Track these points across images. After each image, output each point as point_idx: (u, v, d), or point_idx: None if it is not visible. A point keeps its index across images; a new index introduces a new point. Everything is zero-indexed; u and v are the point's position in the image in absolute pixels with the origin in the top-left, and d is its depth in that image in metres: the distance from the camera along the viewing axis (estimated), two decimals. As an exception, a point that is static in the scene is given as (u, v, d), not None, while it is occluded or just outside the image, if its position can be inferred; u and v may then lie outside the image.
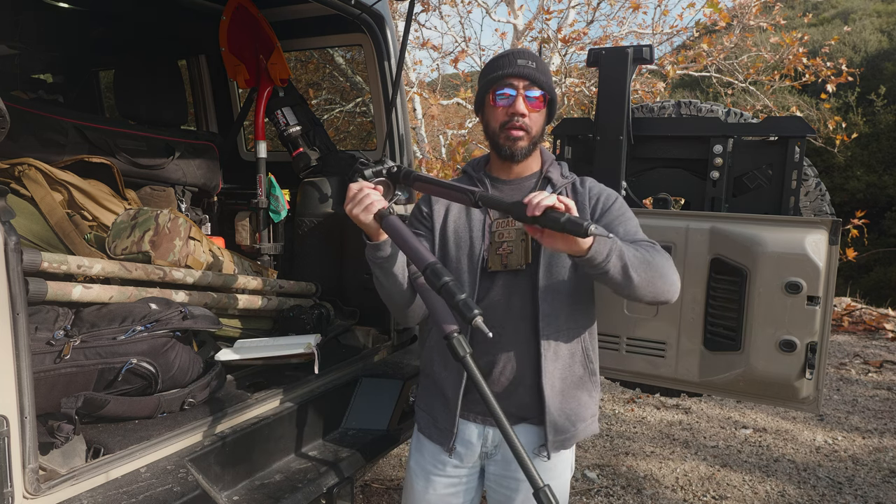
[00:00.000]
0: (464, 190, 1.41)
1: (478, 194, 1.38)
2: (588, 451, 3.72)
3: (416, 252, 1.35)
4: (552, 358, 1.56)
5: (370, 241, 1.52)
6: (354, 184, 1.49)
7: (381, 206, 1.45)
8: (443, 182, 1.49)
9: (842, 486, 3.33)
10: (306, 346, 2.13)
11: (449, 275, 1.28)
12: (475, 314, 1.21)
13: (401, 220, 1.44)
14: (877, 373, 5.18)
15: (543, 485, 1.20)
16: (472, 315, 1.21)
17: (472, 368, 1.27)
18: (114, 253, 2.13)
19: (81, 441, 1.57)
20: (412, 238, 1.39)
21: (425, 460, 1.70)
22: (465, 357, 1.27)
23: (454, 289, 1.26)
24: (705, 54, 8.26)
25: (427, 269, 1.30)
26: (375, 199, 1.45)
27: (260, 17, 2.82)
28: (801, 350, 1.89)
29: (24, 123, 2.41)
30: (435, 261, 1.32)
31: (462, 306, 1.23)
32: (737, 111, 2.22)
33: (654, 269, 1.41)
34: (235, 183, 3.26)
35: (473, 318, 1.21)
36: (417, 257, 1.34)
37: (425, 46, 8.89)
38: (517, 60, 1.55)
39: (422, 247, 1.37)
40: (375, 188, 1.49)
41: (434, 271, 1.29)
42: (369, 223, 1.46)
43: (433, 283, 1.29)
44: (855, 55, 16.03)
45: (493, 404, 1.25)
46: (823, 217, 2.03)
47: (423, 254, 1.34)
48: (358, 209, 1.45)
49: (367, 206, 1.44)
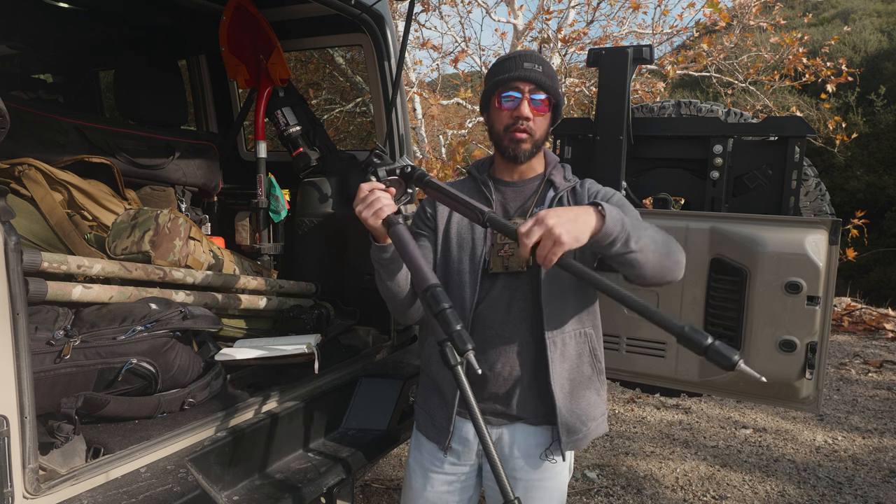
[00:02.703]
0: (473, 207, 1.39)
1: (487, 215, 1.36)
2: (588, 451, 3.72)
3: (420, 271, 1.33)
4: (559, 359, 1.56)
5: (376, 242, 1.51)
6: (365, 184, 1.46)
7: (391, 212, 1.43)
8: (454, 194, 1.45)
9: (842, 486, 3.33)
10: (306, 346, 2.13)
11: (448, 301, 1.26)
12: (468, 349, 1.20)
13: (408, 231, 1.41)
14: (877, 373, 5.18)
15: (514, 497, 1.20)
16: (465, 349, 1.20)
17: (461, 379, 1.25)
18: (114, 253, 2.13)
19: (81, 441, 1.57)
20: (417, 254, 1.36)
21: (424, 458, 1.70)
22: (455, 367, 1.25)
23: (451, 318, 1.24)
24: (705, 54, 8.26)
25: (427, 292, 1.28)
26: (385, 203, 1.43)
27: (260, 17, 2.82)
28: (801, 350, 1.89)
29: (24, 123, 2.41)
30: (436, 283, 1.29)
31: (457, 338, 1.21)
32: (737, 111, 2.22)
33: (661, 251, 1.42)
34: (235, 183, 3.26)
35: (466, 353, 1.20)
36: (420, 276, 1.32)
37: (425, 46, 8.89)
38: (524, 63, 1.55)
39: (425, 265, 1.34)
40: (387, 190, 1.47)
41: (434, 295, 1.27)
42: (377, 227, 1.44)
43: (431, 307, 1.26)
44: (855, 55, 16.02)
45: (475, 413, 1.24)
46: (823, 217, 2.03)
47: (425, 273, 1.32)
48: (367, 212, 1.43)
49: (377, 211, 1.42)
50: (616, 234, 1.32)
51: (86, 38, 3.40)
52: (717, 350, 1.11)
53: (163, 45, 3.30)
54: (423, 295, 1.29)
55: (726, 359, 1.10)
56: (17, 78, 3.31)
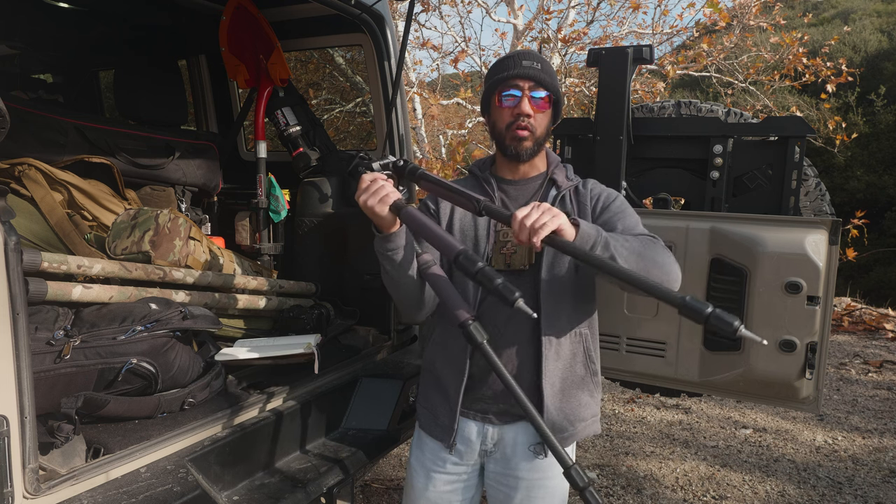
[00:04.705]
0: (468, 196, 1.39)
1: (482, 203, 1.37)
2: (588, 451, 3.73)
3: (444, 240, 1.35)
4: (553, 357, 1.56)
5: (380, 232, 1.49)
6: (367, 174, 1.45)
7: (397, 198, 1.42)
8: (448, 184, 1.46)
9: (842, 486, 3.33)
10: (306, 346, 2.13)
11: (482, 260, 1.30)
12: (517, 297, 1.23)
13: (416, 210, 1.42)
14: (877, 373, 5.18)
15: (572, 463, 1.24)
16: (514, 297, 1.23)
17: (489, 354, 1.28)
18: (114, 253, 2.13)
19: (81, 441, 1.57)
20: (436, 227, 1.38)
21: (426, 457, 1.70)
22: (482, 343, 1.28)
23: (491, 273, 1.26)
24: (705, 54, 8.26)
25: (460, 256, 1.30)
26: (390, 190, 1.43)
27: (260, 17, 2.82)
28: (801, 350, 1.89)
29: (24, 123, 2.41)
30: (465, 247, 1.32)
31: (502, 289, 1.24)
32: (737, 111, 2.22)
33: (646, 260, 1.42)
34: (235, 183, 3.26)
35: (515, 301, 1.22)
36: (446, 245, 1.34)
37: (425, 46, 8.90)
38: (522, 62, 1.56)
39: (446, 234, 1.37)
40: (387, 180, 1.47)
41: (467, 257, 1.29)
42: (384, 215, 1.43)
43: (467, 269, 1.28)
44: (855, 55, 16.02)
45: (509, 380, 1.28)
46: (823, 217, 2.03)
47: (450, 242, 1.34)
48: (373, 200, 1.42)
49: (383, 198, 1.41)
50: (594, 238, 1.35)
51: (86, 38, 3.40)
52: (718, 317, 1.12)
53: (163, 45, 3.30)
54: (455, 260, 1.31)
55: (728, 324, 1.12)
56: (17, 78, 3.31)
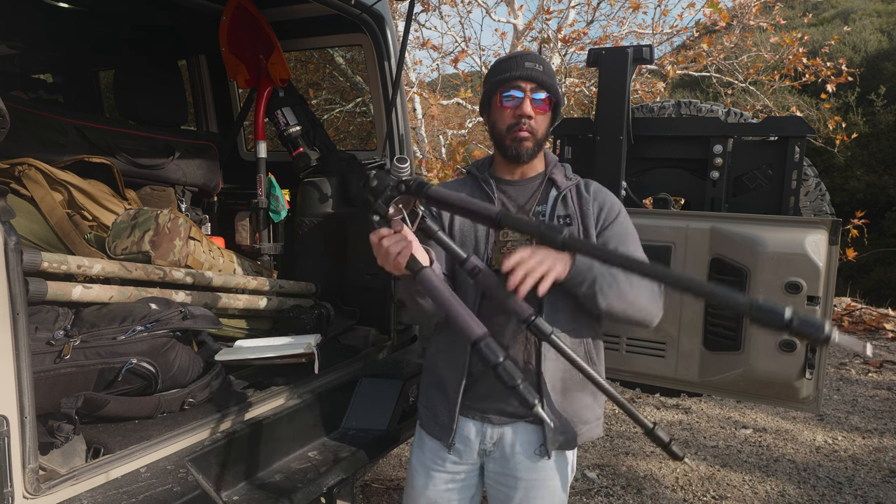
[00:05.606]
0: (483, 213, 1.36)
1: (498, 215, 1.34)
2: (588, 451, 3.72)
3: (462, 321, 1.32)
4: (553, 357, 1.56)
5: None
6: (373, 235, 1.37)
7: (408, 256, 1.33)
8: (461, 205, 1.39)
9: (842, 486, 3.33)
10: (306, 346, 2.13)
11: (503, 351, 1.29)
12: (535, 403, 1.27)
13: (435, 274, 1.36)
14: (877, 373, 5.18)
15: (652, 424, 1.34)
16: (533, 402, 1.26)
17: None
18: (114, 253, 2.14)
19: (81, 441, 1.57)
20: (453, 302, 1.33)
21: (426, 457, 1.70)
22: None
23: (512, 370, 1.27)
24: (705, 54, 8.26)
25: (481, 343, 1.29)
26: (401, 248, 1.34)
27: (260, 17, 2.82)
28: (801, 350, 1.89)
29: (24, 123, 2.42)
30: (485, 333, 1.30)
31: (524, 391, 1.26)
32: (737, 111, 2.22)
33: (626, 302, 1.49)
34: (235, 183, 3.26)
35: (534, 407, 1.27)
36: (465, 328, 1.31)
37: (425, 46, 8.89)
38: (524, 63, 1.56)
39: (466, 312, 1.32)
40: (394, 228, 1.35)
41: (489, 346, 1.29)
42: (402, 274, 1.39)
43: (488, 359, 1.28)
44: (855, 55, 16.02)
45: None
46: (823, 217, 2.03)
47: (469, 324, 1.31)
48: (388, 265, 1.37)
49: (395, 261, 1.35)
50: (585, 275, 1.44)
51: (86, 38, 3.41)
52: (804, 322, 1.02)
53: (163, 45, 3.30)
54: (475, 346, 1.30)
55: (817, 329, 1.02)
56: (17, 78, 3.31)
